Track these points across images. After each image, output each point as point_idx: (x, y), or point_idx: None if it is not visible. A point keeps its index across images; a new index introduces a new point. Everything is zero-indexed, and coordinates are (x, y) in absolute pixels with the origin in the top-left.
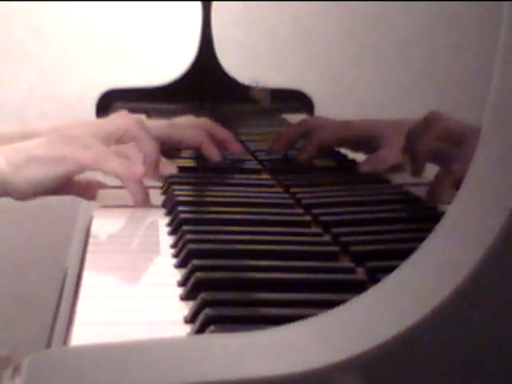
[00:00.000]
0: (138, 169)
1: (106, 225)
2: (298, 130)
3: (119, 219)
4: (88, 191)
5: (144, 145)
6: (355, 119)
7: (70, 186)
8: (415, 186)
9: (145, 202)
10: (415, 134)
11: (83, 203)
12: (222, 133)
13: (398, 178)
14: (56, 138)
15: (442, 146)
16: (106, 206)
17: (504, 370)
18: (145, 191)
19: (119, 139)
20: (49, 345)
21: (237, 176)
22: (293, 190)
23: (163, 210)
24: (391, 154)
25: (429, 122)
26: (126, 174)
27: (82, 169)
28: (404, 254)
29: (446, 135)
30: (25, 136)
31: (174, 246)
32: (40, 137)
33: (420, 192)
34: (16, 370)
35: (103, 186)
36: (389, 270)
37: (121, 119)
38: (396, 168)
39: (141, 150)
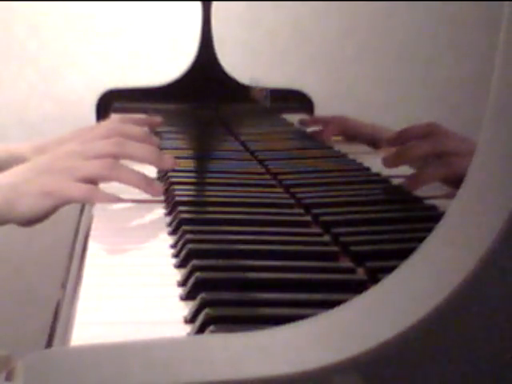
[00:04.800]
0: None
1: (105, 225)
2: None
3: (119, 219)
4: None
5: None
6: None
7: None
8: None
9: None
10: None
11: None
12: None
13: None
14: (44, 169)
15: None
16: (106, 206)
17: (503, 370)
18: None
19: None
20: (49, 345)
21: (237, 176)
22: (293, 190)
23: (163, 211)
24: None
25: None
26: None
27: (69, 202)
28: (404, 254)
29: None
30: (9, 159)
31: (173, 246)
32: (24, 159)
33: (420, 192)
34: (16, 370)
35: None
36: (389, 269)
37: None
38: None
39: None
